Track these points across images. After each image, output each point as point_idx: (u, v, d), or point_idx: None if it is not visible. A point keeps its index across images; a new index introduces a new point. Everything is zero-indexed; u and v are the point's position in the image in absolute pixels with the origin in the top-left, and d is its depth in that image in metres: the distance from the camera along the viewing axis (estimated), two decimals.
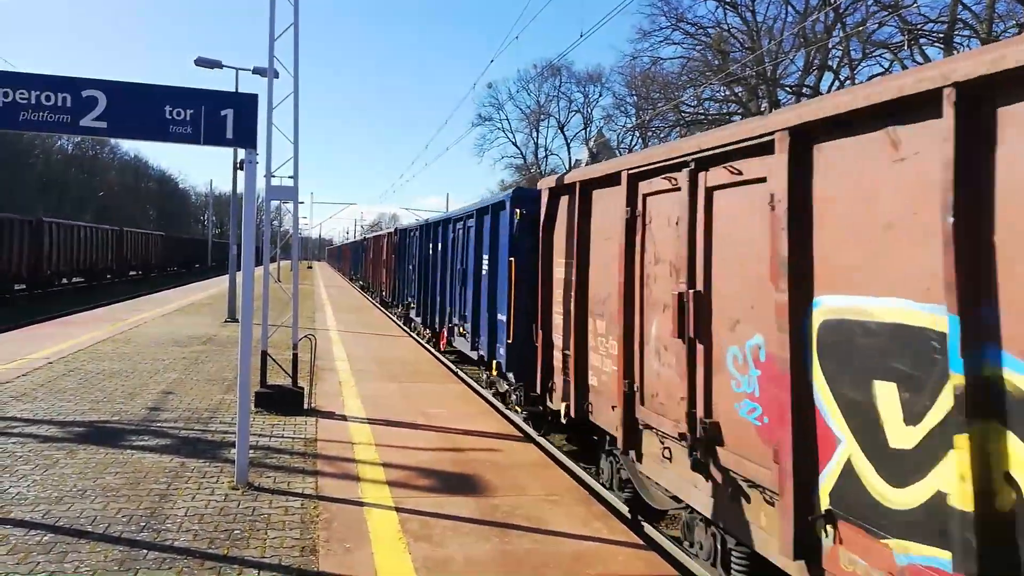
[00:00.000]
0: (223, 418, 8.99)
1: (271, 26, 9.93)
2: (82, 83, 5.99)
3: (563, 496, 6.78)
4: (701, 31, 41.24)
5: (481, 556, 5.29)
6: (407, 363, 14.72)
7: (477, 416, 10.02)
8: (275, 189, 10.19)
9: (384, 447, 8.10)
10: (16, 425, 8.24)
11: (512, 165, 68.97)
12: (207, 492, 6.35)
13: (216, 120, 6.25)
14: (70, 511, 5.75)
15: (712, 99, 41.93)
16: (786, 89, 37.74)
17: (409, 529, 5.72)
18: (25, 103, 5.83)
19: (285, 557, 5.11)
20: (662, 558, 5.69)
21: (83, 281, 45.90)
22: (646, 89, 45.48)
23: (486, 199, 13.51)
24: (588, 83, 62.73)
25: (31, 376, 11.14)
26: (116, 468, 6.87)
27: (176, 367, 12.54)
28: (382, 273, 30.91)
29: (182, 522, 5.64)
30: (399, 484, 6.85)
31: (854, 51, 34.41)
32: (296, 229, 11.25)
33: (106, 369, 12.01)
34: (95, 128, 6.04)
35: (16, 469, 6.71)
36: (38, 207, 64.12)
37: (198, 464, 7.13)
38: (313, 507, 6.12)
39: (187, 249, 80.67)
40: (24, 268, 35.09)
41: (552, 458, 8.65)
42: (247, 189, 6.78)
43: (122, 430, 8.23)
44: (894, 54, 31.98)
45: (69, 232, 41.17)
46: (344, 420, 9.33)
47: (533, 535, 5.75)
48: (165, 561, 4.94)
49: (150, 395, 10.17)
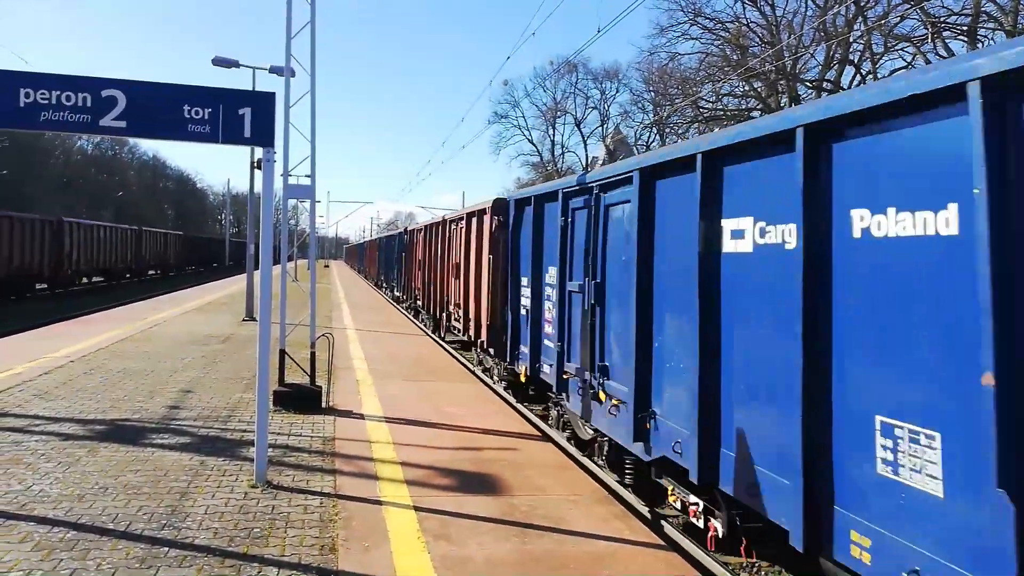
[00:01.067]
0: (241, 416, 9.03)
1: (288, 25, 9.95)
2: (102, 83, 6.01)
3: (582, 496, 6.73)
4: (719, 26, 40.93)
5: (500, 556, 5.26)
6: (424, 361, 14.73)
7: (495, 415, 9.99)
8: (292, 188, 10.22)
9: (402, 446, 8.09)
10: (39, 423, 8.31)
11: (528, 163, 68.92)
12: (227, 490, 6.37)
13: (234, 119, 6.25)
14: (92, 508, 5.79)
15: (731, 95, 41.64)
16: (806, 84, 37.40)
17: (428, 528, 5.70)
18: (46, 103, 5.86)
19: (305, 555, 5.10)
20: (683, 559, 5.62)
21: (103, 280, 46.50)
22: (664, 85, 45.23)
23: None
24: (605, 79, 62.41)
25: (53, 375, 11.25)
26: (137, 466, 6.91)
27: (195, 366, 12.62)
28: (456, 288, 16.14)
29: (202, 520, 5.66)
30: (417, 483, 6.84)
31: (876, 45, 34.01)
32: (313, 228, 11.27)
33: (126, 368, 12.11)
34: (115, 127, 6.06)
35: (39, 467, 6.76)
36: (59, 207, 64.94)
37: (217, 462, 7.16)
38: (332, 505, 6.12)
39: (205, 248, 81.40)
40: (46, 268, 35.61)
41: (571, 457, 8.60)
42: (265, 188, 6.78)
43: (142, 428, 8.29)
44: (917, 48, 31.57)
45: (89, 232, 41.69)
46: (362, 419, 9.34)
47: (553, 535, 5.70)
48: (186, 559, 4.95)
49: (170, 394, 10.23)
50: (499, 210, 12.26)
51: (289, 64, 10.04)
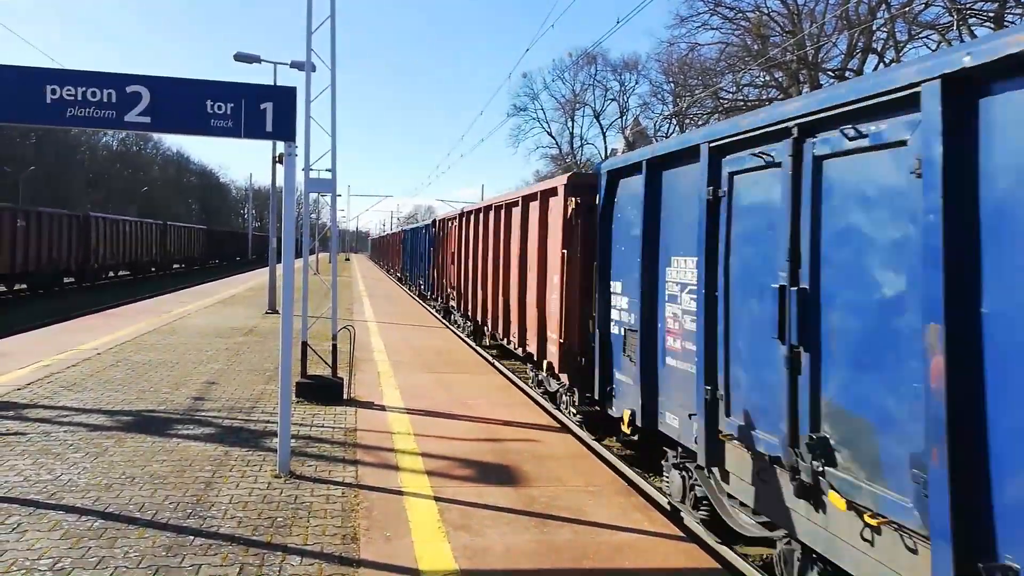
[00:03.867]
0: (265, 408, 9.14)
1: (308, 20, 10.01)
2: (126, 79, 6.09)
3: (602, 487, 6.74)
4: (740, 15, 40.47)
5: (520, 546, 5.29)
6: (444, 354, 14.79)
7: (515, 407, 10.02)
8: (313, 182, 10.29)
9: (423, 437, 8.15)
10: (67, 414, 8.48)
11: (547, 155, 68.78)
12: (250, 480, 6.46)
13: (256, 113, 6.31)
14: (119, 498, 5.90)
15: (751, 84, 41.19)
16: (828, 73, 36.88)
17: (448, 518, 5.75)
18: (72, 99, 5.95)
19: (327, 545, 5.17)
20: (703, 550, 5.62)
21: (128, 274, 47.18)
22: (683, 76, 44.87)
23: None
24: (624, 71, 62.08)
25: (80, 367, 11.45)
26: (163, 456, 7.03)
27: (219, 358, 12.78)
28: (508, 292, 13.37)
29: (227, 509, 5.75)
30: (438, 473, 6.89)
31: (899, 33, 33.47)
32: (334, 221, 11.34)
33: (152, 360, 12.29)
34: (140, 123, 6.14)
35: (67, 457, 6.90)
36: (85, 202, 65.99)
37: (241, 452, 7.26)
38: (354, 496, 6.19)
39: (228, 242, 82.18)
40: (73, 262, 36.19)
41: (590, 449, 8.61)
42: (287, 181, 6.85)
43: (168, 419, 8.42)
44: (942, 35, 31.00)
45: (115, 227, 42.30)
46: (383, 410, 9.41)
47: (572, 526, 5.72)
48: (211, 547, 5.04)
49: (194, 385, 10.38)
50: (579, 189, 9.58)
51: (309, 59, 10.10)
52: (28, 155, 72.86)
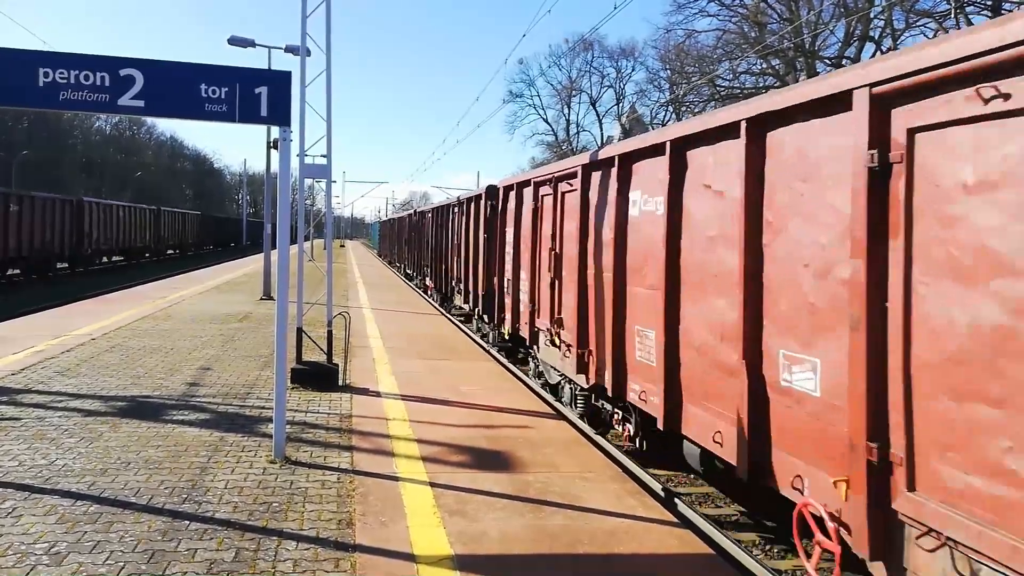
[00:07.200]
0: (260, 393, 9.14)
1: (303, 3, 9.93)
2: (120, 62, 6.04)
3: (596, 473, 6.78)
4: (737, 2, 40.33)
5: (515, 531, 5.32)
6: (439, 340, 14.80)
7: (509, 393, 10.05)
8: (308, 168, 10.26)
9: (418, 423, 8.17)
10: (61, 399, 8.47)
11: (543, 142, 68.63)
12: (246, 465, 6.47)
13: (250, 97, 6.27)
14: (115, 483, 5.91)
15: (748, 72, 41.08)
16: (825, 61, 36.78)
17: (443, 504, 5.77)
18: (65, 83, 5.90)
19: (323, 530, 5.19)
20: (696, 536, 5.66)
21: (122, 259, 46.98)
22: (680, 63, 44.72)
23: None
24: (621, 57, 62.02)
25: (75, 352, 11.43)
26: (158, 441, 7.03)
27: (214, 344, 12.77)
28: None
29: (222, 494, 5.76)
30: (433, 459, 6.91)
31: (897, 20, 33.38)
32: (329, 207, 11.31)
33: (146, 345, 12.27)
34: (133, 107, 6.10)
35: (62, 442, 6.90)
36: (79, 187, 65.57)
37: (237, 438, 7.27)
38: (349, 481, 6.21)
39: (222, 228, 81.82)
40: (66, 247, 36.00)
41: (585, 436, 8.64)
42: (281, 166, 6.81)
43: (163, 405, 8.42)
44: (939, 23, 30.91)
45: (108, 212, 42.07)
46: (378, 396, 9.43)
47: (567, 511, 5.76)
48: (206, 532, 5.05)
49: (189, 371, 10.37)
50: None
51: (304, 43, 10.03)
52: (21, 139, 72.38)
